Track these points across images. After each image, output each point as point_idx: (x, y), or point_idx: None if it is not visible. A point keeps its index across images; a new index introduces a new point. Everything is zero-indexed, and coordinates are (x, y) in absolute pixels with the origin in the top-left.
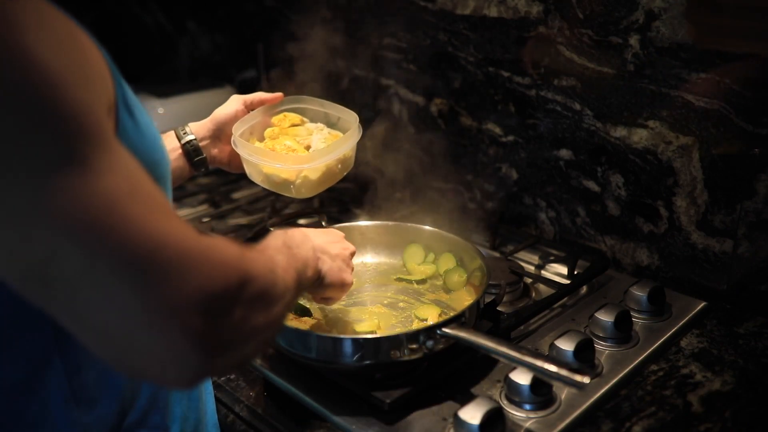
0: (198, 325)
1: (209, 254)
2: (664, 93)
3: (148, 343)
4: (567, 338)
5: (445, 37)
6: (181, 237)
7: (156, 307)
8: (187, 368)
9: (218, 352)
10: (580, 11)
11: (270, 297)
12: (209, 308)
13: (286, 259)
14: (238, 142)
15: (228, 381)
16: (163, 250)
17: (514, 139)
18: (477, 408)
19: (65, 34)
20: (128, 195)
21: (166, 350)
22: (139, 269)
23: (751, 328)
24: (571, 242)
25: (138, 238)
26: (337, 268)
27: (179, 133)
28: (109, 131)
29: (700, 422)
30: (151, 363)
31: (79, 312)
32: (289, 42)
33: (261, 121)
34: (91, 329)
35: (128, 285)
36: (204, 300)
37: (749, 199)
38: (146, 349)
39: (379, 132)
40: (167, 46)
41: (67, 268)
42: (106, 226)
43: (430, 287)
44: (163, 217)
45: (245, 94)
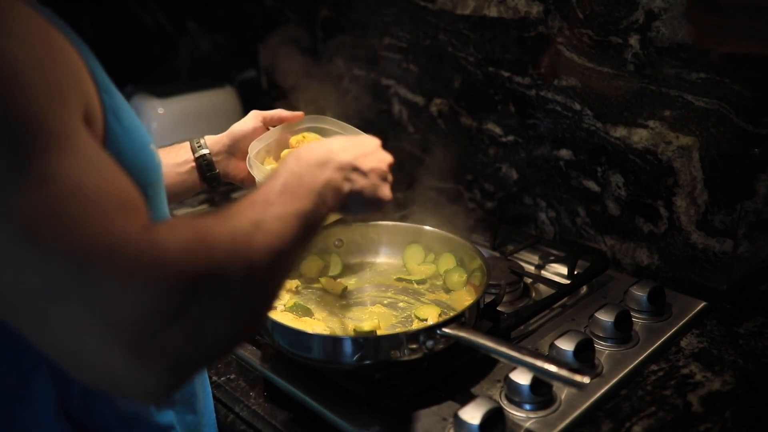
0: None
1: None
2: (664, 93)
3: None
4: (567, 338)
5: (445, 37)
6: (120, 242)
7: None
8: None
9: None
10: (580, 11)
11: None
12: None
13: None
14: (252, 164)
15: (228, 381)
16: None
17: (514, 139)
18: (477, 408)
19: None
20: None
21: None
22: (70, 285)
23: (751, 328)
24: (571, 242)
25: (68, 251)
26: (372, 186)
27: (194, 146)
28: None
29: (700, 422)
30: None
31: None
32: (290, 42)
33: (279, 138)
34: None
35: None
36: (144, 314)
37: (749, 199)
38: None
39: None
40: (167, 46)
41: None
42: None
43: (430, 287)
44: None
45: (265, 111)
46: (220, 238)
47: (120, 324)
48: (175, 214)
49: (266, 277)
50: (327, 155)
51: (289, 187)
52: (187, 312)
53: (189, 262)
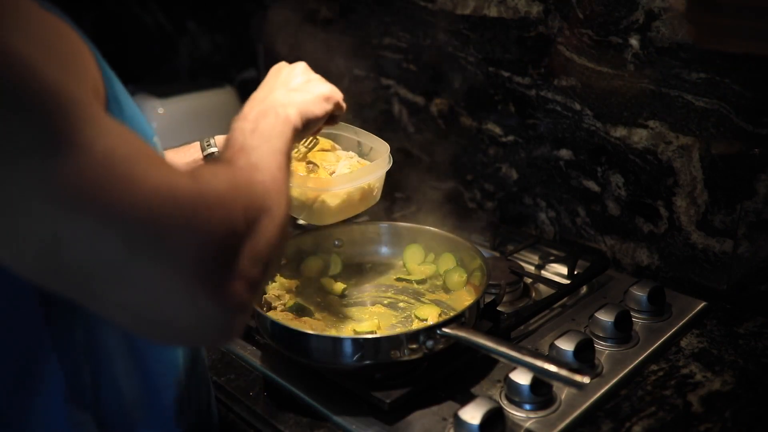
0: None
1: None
2: (664, 93)
3: (174, 312)
4: (567, 338)
5: (445, 37)
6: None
7: (173, 275)
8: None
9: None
10: (580, 11)
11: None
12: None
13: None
14: None
15: (228, 381)
16: (161, 211)
17: (514, 139)
18: (477, 408)
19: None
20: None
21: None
22: (145, 237)
23: (751, 328)
24: (571, 242)
25: (132, 205)
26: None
27: (203, 145)
28: (89, 102)
29: (700, 422)
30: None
31: (98, 293)
32: (290, 42)
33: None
34: (115, 306)
35: (140, 256)
36: (215, 250)
37: (749, 199)
38: (174, 318)
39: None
40: (167, 46)
41: (77, 246)
42: (97, 200)
43: (430, 287)
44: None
45: None
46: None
47: (198, 264)
48: None
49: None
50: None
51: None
52: (245, 243)
53: (236, 195)
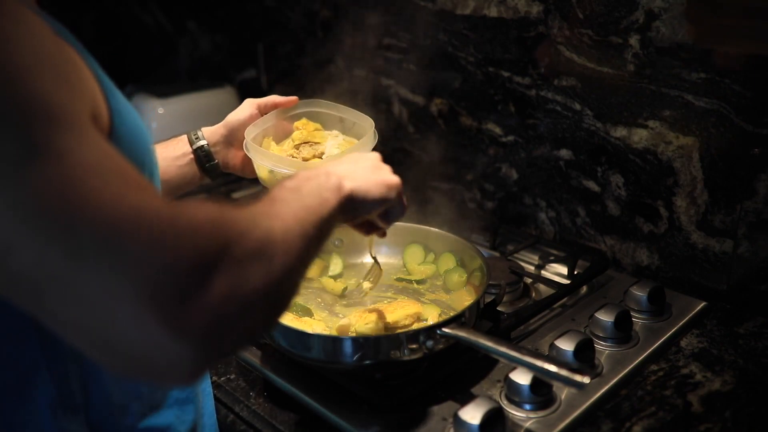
0: (174, 310)
1: (177, 225)
2: (664, 93)
3: (125, 338)
4: (567, 338)
5: (445, 37)
6: (144, 212)
7: (122, 296)
8: (180, 361)
9: (211, 333)
10: (580, 11)
11: (262, 252)
12: (182, 287)
13: (289, 204)
14: (250, 146)
15: (228, 381)
16: (123, 229)
17: (514, 139)
18: (477, 408)
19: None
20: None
21: (148, 344)
22: (97, 254)
23: (751, 328)
24: (571, 242)
25: (93, 219)
26: (367, 175)
27: (191, 138)
28: (74, 114)
29: (700, 422)
30: (137, 361)
31: (51, 309)
32: (290, 42)
33: (275, 124)
34: (68, 327)
35: (89, 273)
36: (174, 279)
37: (749, 199)
38: (126, 345)
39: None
40: (167, 46)
41: (26, 260)
42: (56, 210)
43: (430, 287)
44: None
45: (258, 98)
46: (239, 214)
47: (152, 289)
48: None
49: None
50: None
51: (290, 189)
52: (218, 277)
53: (217, 228)
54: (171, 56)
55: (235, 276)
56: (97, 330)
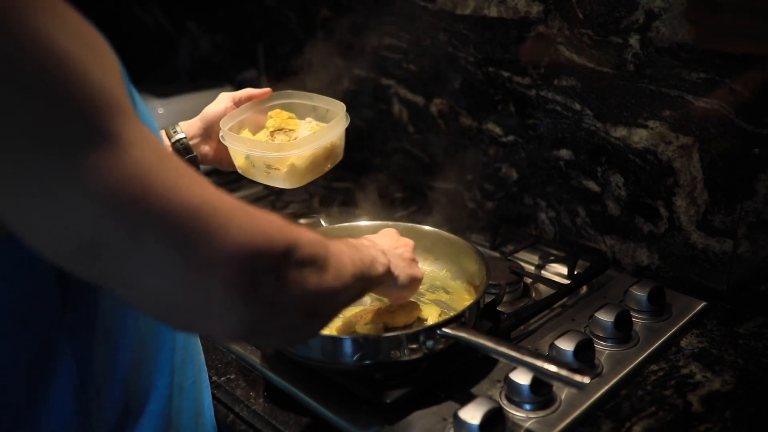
0: (239, 280)
1: (251, 216)
2: (664, 93)
3: (194, 299)
4: (567, 338)
5: (445, 37)
6: (219, 198)
7: (199, 265)
8: (233, 322)
9: (262, 308)
10: (580, 11)
11: (320, 266)
12: (252, 264)
13: (347, 249)
14: (225, 135)
15: (228, 381)
16: (202, 211)
17: (514, 139)
18: (477, 408)
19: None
20: (158, 163)
21: (212, 305)
22: (181, 231)
23: (751, 328)
24: (571, 242)
25: (176, 201)
26: (407, 267)
27: (170, 132)
28: (128, 105)
29: (700, 422)
30: (199, 318)
31: (129, 279)
32: (290, 42)
33: (250, 117)
34: (142, 293)
35: (172, 247)
36: (245, 256)
37: (749, 199)
38: (193, 306)
39: (378, 132)
40: (167, 46)
41: (114, 240)
42: (143, 194)
43: (430, 287)
44: (194, 182)
45: (233, 92)
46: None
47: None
48: None
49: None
50: (370, 240)
51: (349, 244)
52: (283, 266)
53: (287, 230)
54: (171, 56)
55: (293, 273)
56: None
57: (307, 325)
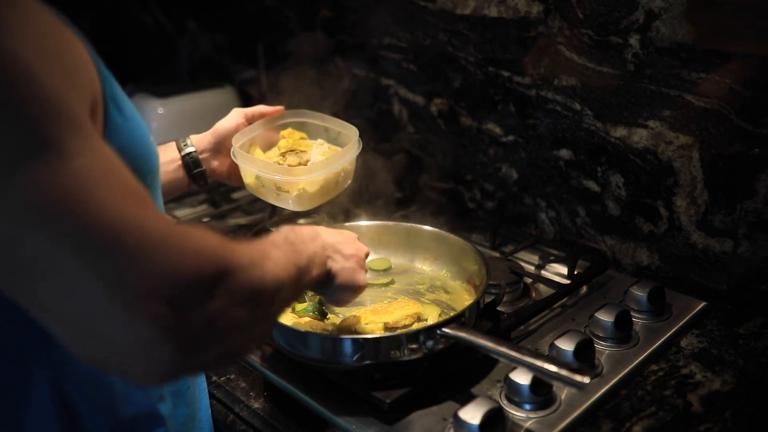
0: (164, 314)
1: (181, 242)
2: (664, 93)
3: (112, 333)
4: (567, 338)
5: (445, 37)
6: (150, 224)
7: (119, 294)
8: (155, 361)
9: (190, 345)
10: (580, 11)
11: (254, 292)
12: (177, 298)
13: (285, 255)
14: (237, 153)
15: (228, 381)
16: (129, 236)
17: (514, 139)
18: (477, 408)
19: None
20: (96, 180)
21: (132, 341)
22: (101, 254)
23: (751, 328)
24: (571, 242)
25: (102, 222)
26: (350, 269)
27: (180, 145)
28: (83, 118)
29: (700, 422)
30: (118, 356)
31: (43, 301)
32: (290, 42)
33: (262, 134)
34: (57, 319)
35: (90, 271)
36: (171, 288)
37: (749, 199)
38: (111, 340)
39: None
40: (167, 46)
41: (28, 253)
42: (67, 209)
43: (430, 287)
44: (133, 203)
45: (246, 108)
46: (241, 249)
47: (149, 295)
48: (176, 214)
49: (271, 298)
50: (315, 233)
51: (290, 240)
52: (210, 299)
53: (220, 252)
54: (171, 56)
55: (225, 303)
56: (87, 326)
57: (242, 351)
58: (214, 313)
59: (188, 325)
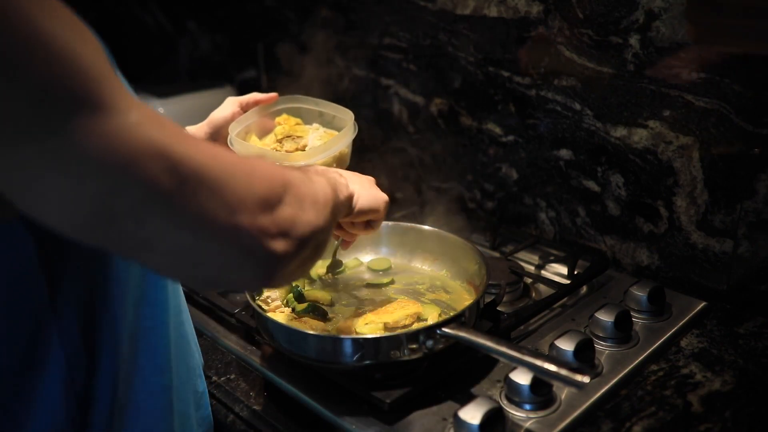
0: (251, 225)
1: (250, 168)
2: (664, 93)
3: (212, 256)
4: (567, 338)
5: (445, 37)
6: (221, 155)
7: (211, 222)
8: (254, 268)
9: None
10: (580, 11)
11: (314, 199)
12: (258, 210)
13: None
14: (234, 141)
15: (228, 381)
16: (209, 171)
17: (514, 139)
18: (477, 408)
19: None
20: (159, 125)
21: (230, 258)
22: (191, 189)
23: (751, 328)
24: (571, 242)
25: (185, 161)
26: (368, 187)
27: None
28: (120, 81)
29: (700, 422)
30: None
31: (146, 242)
32: (290, 42)
33: (257, 121)
34: (161, 255)
35: (183, 208)
36: (252, 204)
37: (749, 199)
38: (212, 263)
39: (378, 132)
40: (167, 46)
41: (128, 202)
42: (150, 154)
43: (430, 287)
44: (194, 144)
45: (240, 96)
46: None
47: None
48: None
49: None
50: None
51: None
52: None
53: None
54: (171, 56)
55: (295, 208)
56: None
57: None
58: (290, 216)
59: (272, 230)
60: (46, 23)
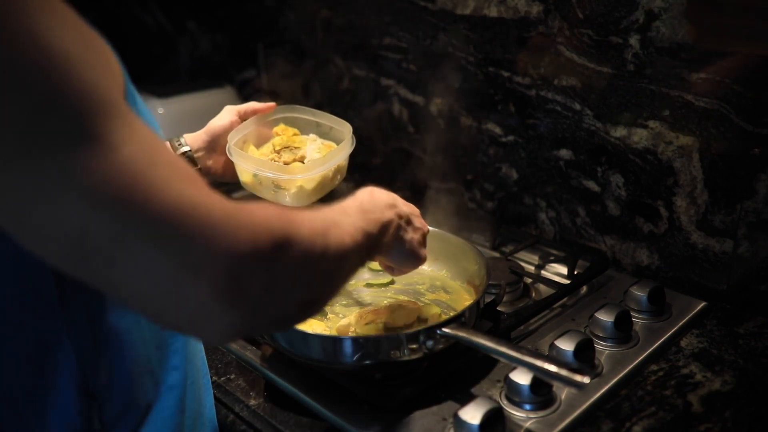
0: (225, 285)
1: (238, 217)
2: (664, 93)
3: (182, 304)
4: (567, 338)
5: (445, 37)
6: (206, 200)
7: (186, 270)
8: (221, 325)
9: (249, 311)
10: (580, 11)
11: (313, 261)
12: (236, 269)
13: (354, 223)
14: (233, 151)
15: (228, 381)
16: (190, 214)
17: (514, 139)
18: (477, 408)
19: (76, 23)
20: (149, 164)
21: (199, 310)
22: (166, 233)
23: (751, 328)
24: (571, 242)
25: (164, 202)
26: (417, 242)
27: (174, 144)
28: (122, 105)
29: (700, 422)
30: (188, 323)
31: (117, 280)
32: (290, 42)
33: (254, 130)
34: (130, 294)
35: (158, 249)
36: (230, 260)
37: (749, 199)
38: (181, 310)
39: (378, 132)
40: (167, 46)
41: (101, 240)
42: (129, 193)
43: (430, 287)
44: (187, 183)
45: (238, 105)
46: (302, 219)
47: (212, 268)
48: None
49: (334, 267)
50: (394, 200)
51: (364, 208)
52: (270, 266)
53: (277, 224)
54: (171, 56)
55: (283, 272)
56: (158, 297)
57: (301, 314)
58: (272, 281)
59: (248, 294)
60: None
